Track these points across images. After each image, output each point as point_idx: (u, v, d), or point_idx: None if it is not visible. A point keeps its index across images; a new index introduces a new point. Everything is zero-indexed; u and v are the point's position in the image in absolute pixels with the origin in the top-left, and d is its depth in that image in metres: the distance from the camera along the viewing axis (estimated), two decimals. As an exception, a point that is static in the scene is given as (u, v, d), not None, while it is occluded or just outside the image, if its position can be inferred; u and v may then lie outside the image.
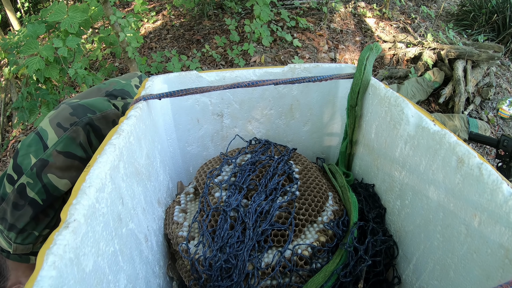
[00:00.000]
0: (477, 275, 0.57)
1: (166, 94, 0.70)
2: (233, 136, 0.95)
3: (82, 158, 0.73)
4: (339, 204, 0.75)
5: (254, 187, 0.72)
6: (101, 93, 0.89)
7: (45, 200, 0.72)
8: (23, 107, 1.92)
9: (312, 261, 0.66)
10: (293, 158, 0.81)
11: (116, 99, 0.88)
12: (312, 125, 0.97)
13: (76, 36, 1.84)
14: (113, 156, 0.55)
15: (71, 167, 0.72)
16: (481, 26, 3.57)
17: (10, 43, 1.95)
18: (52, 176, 0.71)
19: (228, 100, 0.90)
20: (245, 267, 0.63)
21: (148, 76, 0.83)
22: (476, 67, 2.96)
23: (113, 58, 3.44)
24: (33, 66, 1.72)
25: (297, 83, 0.69)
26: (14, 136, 2.93)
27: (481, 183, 0.55)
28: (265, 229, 0.66)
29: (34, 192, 0.71)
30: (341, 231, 0.70)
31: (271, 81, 0.68)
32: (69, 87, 2.25)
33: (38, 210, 0.72)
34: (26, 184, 0.70)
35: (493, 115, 2.82)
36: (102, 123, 0.76)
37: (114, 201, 0.54)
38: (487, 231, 0.55)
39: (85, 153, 0.74)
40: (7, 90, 3.00)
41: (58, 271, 0.38)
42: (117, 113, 0.80)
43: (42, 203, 0.72)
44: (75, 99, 0.81)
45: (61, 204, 0.76)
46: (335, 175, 0.83)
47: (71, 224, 0.43)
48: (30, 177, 0.70)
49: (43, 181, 0.70)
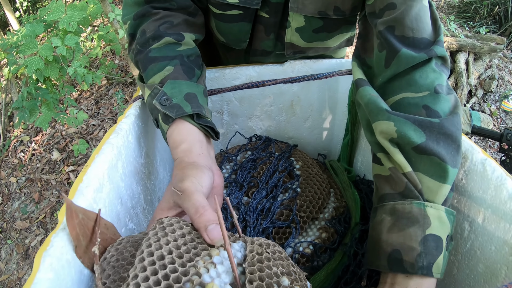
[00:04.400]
0: (480, 272, 0.57)
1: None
2: (233, 133, 0.94)
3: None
4: (341, 200, 0.75)
5: (254, 184, 0.71)
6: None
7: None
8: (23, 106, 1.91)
9: (313, 259, 0.65)
10: (294, 154, 0.80)
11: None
12: (313, 121, 0.97)
13: (75, 35, 1.83)
14: (111, 155, 0.54)
15: None
16: (482, 18, 3.54)
17: (9, 43, 1.94)
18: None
19: (228, 97, 0.89)
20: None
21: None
22: (478, 59, 2.94)
23: (113, 55, 3.43)
24: (33, 66, 1.71)
25: (297, 82, 0.69)
26: (16, 136, 2.94)
27: (485, 179, 0.54)
28: (266, 227, 0.65)
29: None
30: (343, 228, 0.70)
31: (271, 82, 0.67)
32: (69, 86, 2.25)
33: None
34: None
35: (496, 107, 2.81)
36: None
37: (113, 201, 0.54)
38: (491, 228, 0.54)
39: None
40: (8, 90, 2.99)
41: (55, 273, 0.38)
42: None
43: None
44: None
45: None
46: (336, 171, 0.83)
47: (68, 225, 0.42)
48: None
49: None
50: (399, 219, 0.53)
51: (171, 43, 0.66)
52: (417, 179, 0.53)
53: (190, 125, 0.59)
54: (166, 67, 0.63)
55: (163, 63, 0.63)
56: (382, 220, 0.55)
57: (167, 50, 0.65)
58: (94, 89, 3.19)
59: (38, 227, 2.32)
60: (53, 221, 2.32)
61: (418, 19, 0.60)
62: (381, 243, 0.53)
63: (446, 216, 0.52)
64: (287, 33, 0.78)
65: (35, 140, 2.86)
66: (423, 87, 0.58)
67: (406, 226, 0.52)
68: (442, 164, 0.53)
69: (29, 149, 2.81)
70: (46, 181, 2.56)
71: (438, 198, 0.53)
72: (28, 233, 2.30)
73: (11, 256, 2.21)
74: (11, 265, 2.17)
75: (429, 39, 0.60)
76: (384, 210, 0.56)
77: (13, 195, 2.54)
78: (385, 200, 0.56)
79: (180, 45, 0.66)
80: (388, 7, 0.61)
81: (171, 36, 0.66)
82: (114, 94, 3.07)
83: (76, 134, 2.79)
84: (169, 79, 0.61)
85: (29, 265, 2.14)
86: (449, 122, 0.54)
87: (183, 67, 0.64)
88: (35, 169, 2.65)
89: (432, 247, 0.50)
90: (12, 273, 2.12)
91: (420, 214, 0.52)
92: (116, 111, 2.93)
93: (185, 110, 0.58)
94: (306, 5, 0.72)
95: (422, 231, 0.51)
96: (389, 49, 0.61)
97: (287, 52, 0.82)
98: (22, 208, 2.43)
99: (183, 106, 0.58)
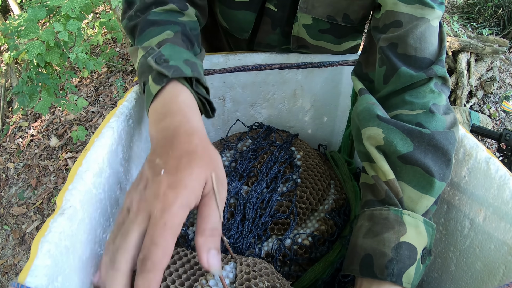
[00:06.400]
0: (478, 270, 0.56)
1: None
2: (234, 121, 0.93)
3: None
4: (341, 193, 0.74)
5: (255, 174, 0.71)
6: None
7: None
8: (23, 92, 1.90)
9: (312, 250, 0.65)
10: (295, 144, 0.79)
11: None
12: (315, 111, 0.96)
13: (77, 20, 1.82)
14: (111, 140, 0.53)
15: None
16: (486, 20, 3.53)
17: (11, 27, 1.92)
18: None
19: (230, 84, 0.88)
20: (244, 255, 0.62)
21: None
22: (480, 60, 2.94)
23: (114, 43, 3.41)
24: (34, 51, 1.69)
25: (302, 68, 0.68)
26: (14, 122, 2.92)
27: (488, 178, 0.54)
28: (266, 221, 0.65)
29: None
30: (343, 221, 0.69)
31: (275, 66, 0.66)
32: (70, 72, 2.23)
33: None
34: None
35: (495, 109, 2.81)
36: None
37: (112, 186, 0.53)
38: (492, 227, 0.54)
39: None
40: (7, 75, 2.98)
41: (53, 259, 0.37)
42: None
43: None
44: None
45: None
46: (337, 163, 0.82)
47: (66, 210, 0.41)
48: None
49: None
50: (374, 225, 0.52)
51: (174, 10, 0.61)
52: (399, 188, 0.53)
53: (188, 91, 0.51)
54: (165, 31, 0.57)
55: (163, 27, 0.58)
56: (361, 226, 0.55)
57: (169, 16, 0.60)
58: (94, 76, 3.17)
59: (35, 213, 2.32)
60: (50, 207, 2.31)
61: (423, 39, 0.59)
62: (356, 248, 0.53)
63: (424, 227, 0.51)
64: (294, 27, 0.77)
65: (33, 126, 2.85)
66: (418, 105, 0.57)
67: (380, 231, 0.51)
68: (427, 176, 0.52)
69: (27, 135, 2.80)
70: (44, 167, 2.55)
71: (418, 208, 0.52)
72: (24, 219, 2.30)
73: (7, 242, 2.21)
74: (7, 251, 2.16)
75: (431, 59, 0.59)
76: (363, 216, 0.56)
77: (10, 180, 2.53)
78: (366, 207, 0.56)
79: (182, 15, 0.62)
80: (394, 24, 0.61)
81: (175, 4, 0.61)
82: (114, 82, 3.05)
83: (75, 121, 2.78)
84: (168, 43, 0.55)
85: (25, 251, 2.14)
86: (441, 135, 0.53)
87: (183, 37, 0.59)
88: (33, 155, 2.65)
89: (404, 256, 0.49)
90: (8, 259, 2.12)
91: (396, 220, 0.51)
92: (116, 98, 2.91)
93: (184, 72, 0.51)
94: (315, 7, 0.71)
95: (397, 238, 0.50)
96: (389, 66, 0.60)
97: (293, 46, 0.82)
98: (19, 193, 2.42)
99: (182, 68, 0.51)
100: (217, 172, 0.43)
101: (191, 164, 0.40)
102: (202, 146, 0.44)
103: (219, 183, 0.43)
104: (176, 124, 0.46)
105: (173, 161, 0.41)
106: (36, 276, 0.35)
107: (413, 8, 0.60)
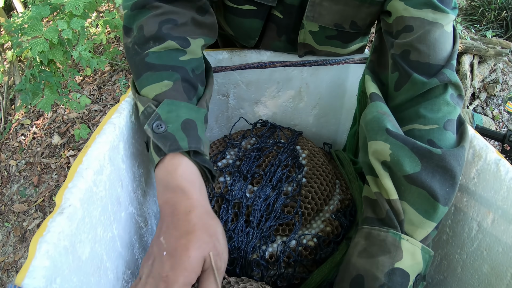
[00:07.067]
0: (485, 273, 0.56)
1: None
2: (238, 118, 0.92)
3: None
4: (346, 193, 0.73)
5: (259, 176, 0.70)
6: None
7: None
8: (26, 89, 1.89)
9: (317, 251, 0.64)
10: (300, 142, 0.78)
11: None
12: (320, 109, 0.95)
13: (80, 19, 1.81)
14: (112, 136, 0.52)
15: None
16: (489, 22, 3.51)
17: (14, 25, 1.92)
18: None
19: (235, 80, 0.87)
20: (248, 259, 0.61)
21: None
22: (483, 62, 2.92)
23: (118, 42, 3.41)
24: (37, 48, 1.69)
25: (307, 66, 0.66)
26: (17, 119, 2.92)
27: (498, 180, 0.53)
28: (271, 225, 0.64)
29: None
30: (348, 222, 0.68)
31: (281, 63, 0.65)
32: (73, 69, 2.22)
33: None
34: None
35: (498, 111, 2.79)
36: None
37: (113, 184, 0.52)
38: (500, 229, 0.53)
39: None
40: (11, 73, 2.98)
41: (52, 260, 0.36)
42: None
43: None
44: None
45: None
46: (343, 162, 0.81)
47: (66, 209, 0.40)
48: None
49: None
50: (371, 245, 0.51)
51: (173, 48, 0.56)
52: (400, 209, 0.51)
53: (187, 161, 0.51)
54: (164, 81, 0.54)
55: (161, 73, 0.54)
56: (357, 243, 0.54)
57: (168, 58, 0.56)
58: (97, 74, 3.17)
59: (36, 210, 2.31)
60: (51, 205, 2.31)
61: (436, 45, 0.57)
62: (349, 266, 0.52)
63: (421, 254, 0.50)
64: (300, 34, 0.75)
65: (36, 124, 2.85)
66: (432, 120, 0.55)
67: (376, 253, 0.50)
68: (431, 200, 0.50)
69: (29, 133, 2.80)
70: (45, 165, 2.55)
71: (418, 233, 0.51)
72: (26, 216, 2.29)
73: (8, 239, 2.21)
74: (8, 248, 2.16)
75: (442, 64, 0.57)
76: (361, 233, 0.54)
77: (12, 178, 2.53)
78: (364, 224, 0.55)
79: (184, 53, 0.57)
80: (405, 30, 0.59)
81: (175, 40, 0.56)
82: (117, 81, 3.05)
83: (78, 119, 2.77)
84: (166, 98, 0.53)
85: (25, 248, 2.13)
86: (451, 156, 0.51)
87: (184, 84, 0.55)
88: (35, 152, 2.64)
89: (397, 282, 0.48)
90: (9, 256, 2.12)
91: (394, 244, 0.50)
92: (118, 97, 2.91)
93: (180, 145, 0.50)
94: (323, 16, 0.70)
95: (391, 263, 0.49)
96: (402, 73, 0.59)
97: (299, 53, 0.81)
98: (20, 191, 2.42)
99: (179, 139, 0.50)
100: (216, 247, 0.46)
101: (189, 246, 0.44)
102: (200, 224, 0.46)
103: (218, 258, 0.46)
104: (175, 200, 0.48)
105: (174, 242, 0.44)
106: (34, 278, 0.34)
107: (424, 12, 0.58)
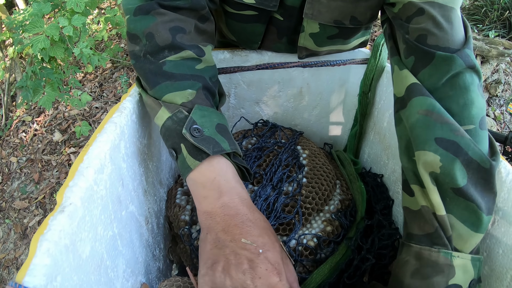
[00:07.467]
0: (485, 275, 0.55)
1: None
2: (239, 118, 0.92)
3: None
4: (347, 193, 0.73)
5: (259, 175, 0.70)
6: None
7: None
8: (27, 86, 1.89)
9: (317, 251, 0.64)
10: (301, 142, 0.78)
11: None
12: (321, 110, 0.95)
13: (82, 15, 1.81)
14: (113, 135, 0.52)
15: None
16: (492, 22, 3.49)
17: (15, 22, 1.91)
18: None
19: (236, 80, 0.87)
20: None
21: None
22: (485, 63, 2.91)
23: (119, 39, 3.40)
24: (38, 45, 1.69)
25: (308, 67, 0.66)
26: (18, 116, 2.92)
27: (499, 182, 0.53)
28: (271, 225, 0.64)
29: None
30: (348, 222, 0.68)
31: (282, 65, 0.65)
32: (74, 67, 2.22)
33: None
34: None
35: (500, 112, 2.79)
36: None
37: (114, 183, 0.52)
38: (500, 231, 0.53)
39: None
40: (12, 70, 2.97)
41: (53, 258, 0.36)
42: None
43: None
44: None
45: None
46: (343, 162, 0.81)
47: (67, 208, 0.40)
48: None
49: None
50: (423, 266, 0.51)
51: (190, 58, 0.56)
52: (448, 224, 0.50)
53: (230, 164, 0.52)
54: (187, 90, 0.54)
55: (182, 83, 0.54)
56: (407, 262, 0.53)
57: (185, 67, 0.55)
58: (98, 72, 3.17)
59: (37, 207, 2.31)
60: (52, 202, 2.31)
61: (452, 28, 0.55)
62: (403, 286, 0.52)
63: (471, 264, 0.50)
64: (301, 38, 0.75)
65: (37, 121, 2.85)
66: (467, 120, 0.52)
67: (430, 275, 0.50)
68: (478, 212, 0.49)
69: (30, 130, 2.80)
70: (46, 162, 2.55)
71: (467, 247, 0.50)
72: (26, 213, 2.30)
73: (8, 236, 2.21)
74: (9, 245, 2.16)
75: (459, 46, 0.55)
76: (409, 251, 0.53)
77: (13, 174, 2.53)
78: (412, 241, 0.53)
79: (199, 62, 0.57)
80: (417, 14, 0.56)
81: (191, 50, 0.56)
82: (118, 78, 3.05)
83: (79, 116, 2.77)
84: (196, 104, 0.53)
85: (26, 245, 2.14)
86: (495, 169, 0.50)
87: (205, 92, 0.56)
88: (36, 149, 2.64)
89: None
90: (9, 253, 2.12)
91: (446, 264, 0.49)
92: (120, 94, 2.91)
93: (223, 147, 0.51)
94: (322, 13, 0.69)
95: (446, 281, 0.49)
96: (420, 55, 0.55)
97: (300, 55, 0.80)
98: (21, 188, 2.42)
99: (219, 141, 0.51)
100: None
101: (274, 240, 0.49)
102: (263, 217, 0.50)
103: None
104: (236, 202, 0.49)
105: (260, 238, 0.47)
106: (35, 276, 0.34)
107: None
